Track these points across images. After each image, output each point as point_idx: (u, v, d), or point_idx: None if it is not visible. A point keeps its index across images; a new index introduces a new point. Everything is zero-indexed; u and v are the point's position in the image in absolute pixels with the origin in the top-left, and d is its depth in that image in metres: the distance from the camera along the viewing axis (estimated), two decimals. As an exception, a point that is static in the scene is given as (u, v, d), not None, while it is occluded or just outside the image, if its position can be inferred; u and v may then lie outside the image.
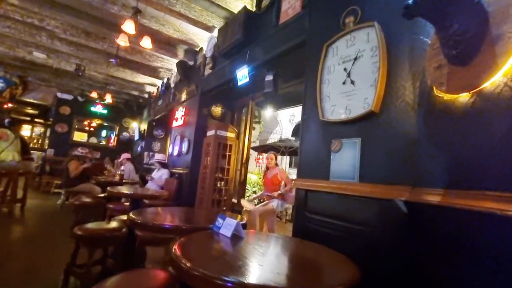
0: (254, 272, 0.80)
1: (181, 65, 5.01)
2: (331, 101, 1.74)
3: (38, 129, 11.67)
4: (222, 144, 4.16)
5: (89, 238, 2.00)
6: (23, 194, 4.47)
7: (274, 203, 3.61)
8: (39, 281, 2.16)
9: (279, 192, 3.66)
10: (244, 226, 1.44)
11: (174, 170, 4.80)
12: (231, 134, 4.18)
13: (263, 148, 7.25)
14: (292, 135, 10.62)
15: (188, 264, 0.77)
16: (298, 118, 10.28)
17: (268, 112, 7.14)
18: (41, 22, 4.35)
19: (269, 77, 3.04)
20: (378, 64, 1.46)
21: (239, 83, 3.34)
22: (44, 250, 2.91)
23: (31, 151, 5.40)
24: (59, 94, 8.57)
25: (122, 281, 1.22)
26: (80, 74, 5.87)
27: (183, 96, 5.19)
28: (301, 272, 0.89)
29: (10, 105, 8.02)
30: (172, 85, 5.94)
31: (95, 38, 4.79)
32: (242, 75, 3.27)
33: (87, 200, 3.46)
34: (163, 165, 4.76)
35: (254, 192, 4.34)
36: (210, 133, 4.26)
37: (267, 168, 3.98)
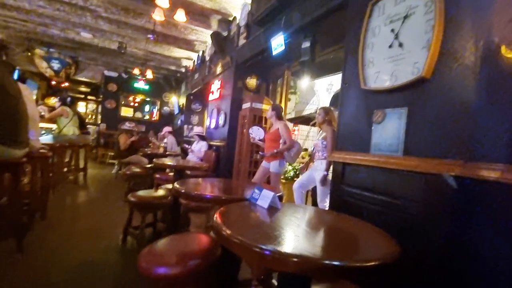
0: (290, 242, 0.82)
1: (215, 36, 4.95)
2: (375, 68, 1.59)
3: (91, 106, 12.82)
4: (257, 117, 4.16)
5: (140, 204, 2.24)
6: (84, 164, 5.08)
7: (273, 166, 3.20)
8: (104, 237, 2.52)
9: (274, 151, 3.16)
10: (281, 198, 1.48)
11: (212, 143, 4.99)
12: (266, 106, 4.14)
13: (299, 120, 7.12)
14: (330, 105, 10.18)
15: (228, 232, 0.82)
16: (336, 87, 9.73)
17: (304, 82, 6.85)
18: (85, 2, 4.57)
19: (306, 44, 2.87)
20: (433, 21, 1.28)
21: (274, 52, 3.22)
22: (105, 212, 3.35)
23: (87, 126, 6.03)
24: (106, 72, 9.19)
25: (171, 242, 1.36)
26: (123, 51, 6.17)
27: (218, 69, 5.20)
28: (338, 244, 0.90)
29: (66, 84, 8.85)
30: (207, 58, 5.96)
31: (134, 14, 4.91)
32: (277, 43, 3.13)
33: (137, 170, 3.82)
34: (201, 138, 4.97)
35: (290, 165, 4.34)
36: (246, 105, 4.28)
37: (271, 125, 3.54)
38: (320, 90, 10.95)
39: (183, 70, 8.29)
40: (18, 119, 1.88)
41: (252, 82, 4.66)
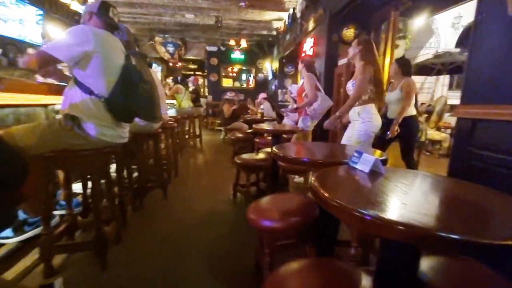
0: (395, 209, 0.76)
1: (305, -11, 4.57)
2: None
3: (200, 80, 14.63)
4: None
5: (244, 166, 2.51)
6: (199, 132, 6.03)
7: (298, 123, 2.98)
8: (218, 192, 3.02)
9: (294, 106, 2.95)
10: (385, 162, 1.35)
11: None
12: (366, 60, 3.66)
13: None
14: (457, 46, 7.94)
15: (326, 194, 0.83)
16: (467, 20, 7.42)
17: (418, 21, 5.56)
18: (185, -15, 5.02)
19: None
20: None
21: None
22: (218, 172, 3.96)
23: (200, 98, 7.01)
24: (207, 48, 10.15)
25: (273, 200, 1.50)
26: (219, 25, 6.58)
27: (310, 25, 4.86)
28: (460, 217, 0.76)
29: (179, 64, 10.35)
30: (298, 14, 5.63)
31: (225, -15, 5.08)
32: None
33: (239, 135, 4.24)
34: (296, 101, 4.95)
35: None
36: (342, 61, 3.91)
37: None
38: (442, 27, 8.61)
39: (274, 33, 8.19)
40: (153, 99, 2.37)
41: (349, 33, 4.16)
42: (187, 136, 5.48)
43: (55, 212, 1.77)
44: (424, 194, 0.96)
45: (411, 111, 2.83)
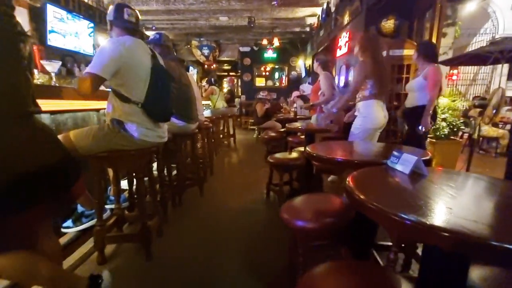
0: (440, 214, 0.71)
1: (339, -18, 4.41)
2: None
3: (235, 80, 14.91)
4: (396, 66, 3.54)
5: (277, 165, 2.52)
6: (233, 131, 6.17)
7: (312, 120, 3.15)
8: (252, 190, 3.07)
9: (310, 103, 3.06)
10: (428, 163, 1.26)
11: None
12: (408, 51, 3.42)
13: (459, 60, 5.43)
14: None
15: (362, 197, 0.80)
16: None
17: (470, 5, 5.02)
18: (219, -12, 5.16)
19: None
20: None
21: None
22: (251, 170, 4.01)
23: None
24: (240, 48, 10.31)
25: (306, 200, 1.48)
26: (252, 25, 6.65)
27: (346, 19, 4.68)
28: (517, 224, 0.69)
29: (214, 65, 10.68)
30: (333, 8, 5.46)
31: (258, -15, 5.11)
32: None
33: (272, 134, 4.25)
34: (308, 99, 4.82)
35: (444, 120, 3.49)
36: (380, 55, 3.70)
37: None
38: (499, 10, 7.66)
39: (307, 29, 8.03)
40: (190, 101, 2.49)
41: (388, 24, 3.91)
42: (221, 136, 5.64)
43: (106, 206, 1.96)
44: (475, 199, 0.88)
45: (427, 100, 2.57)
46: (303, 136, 3.43)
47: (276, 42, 7.62)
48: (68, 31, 4.81)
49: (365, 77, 2.17)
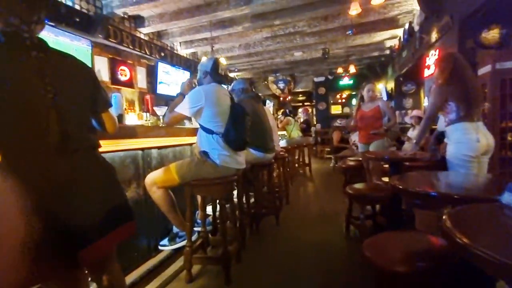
0: None
1: (423, -1, 4.10)
2: None
3: (310, 110, 15.04)
4: (508, 80, 2.94)
5: (358, 196, 2.33)
6: (308, 160, 6.09)
7: (378, 146, 3.18)
8: (329, 223, 2.90)
9: (384, 128, 3.14)
10: None
11: (434, 127, 4.14)
12: (523, 63, 2.82)
13: None
14: None
15: (465, 240, 0.68)
16: None
17: None
18: (294, 28, 5.53)
19: None
20: None
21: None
22: (328, 201, 3.81)
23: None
24: (315, 79, 10.47)
25: (394, 238, 1.32)
26: (326, 56, 6.74)
27: (433, 37, 4.25)
28: None
29: (289, 97, 11.10)
30: (416, 28, 5.06)
31: (331, 18, 5.24)
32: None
33: (351, 163, 4.00)
34: (421, 120, 4.28)
35: None
36: (484, 70, 3.17)
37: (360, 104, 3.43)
38: None
39: (387, 52, 7.60)
40: (266, 132, 2.66)
41: (491, 35, 3.36)
42: (296, 165, 5.64)
43: (195, 229, 2.19)
44: None
45: None
46: (386, 165, 3.11)
47: (352, 69, 7.44)
48: (171, 81, 5.94)
49: (445, 100, 1.96)
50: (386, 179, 2.72)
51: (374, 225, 2.54)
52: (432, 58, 4.38)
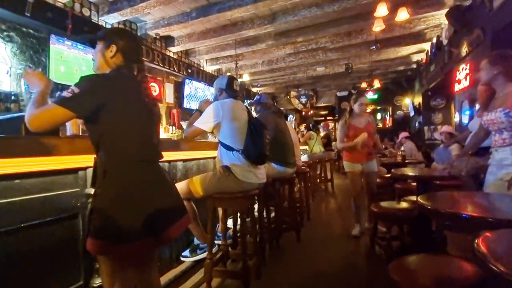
0: None
1: (452, 12, 3.99)
2: None
3: (330, 125, 14.83)
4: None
5: (383, 216, 2.24)
6: (330, 175, 5.95)
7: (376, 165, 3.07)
8: (353, 242, 2.79)
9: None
10: None
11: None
12: None
13: None
14: None
15: (502, 268, 0.64)
16: None
17: None
18: (317, 44, 5.59)
19: None
20: None
21: None
22: (352, 219, 3.67)
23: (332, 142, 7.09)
24: (338, 93, 10.39)
25: (423, 261, 1.25)
26: (350, 71, 6.70)
27: (463, 50, 4.10)
28: None
29: (311, 112, 11.05)
30: (445, 42, 4.91)
31: (355, 34, 5.26)
32: None
33: (377, 180, 3.85)
34: (452, 136, 4.04)
35: None
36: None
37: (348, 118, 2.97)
38: None
39: (414, 66, 7.40)
40: (287, 147, 2.67)
41: (528, 48, 3.17)
42: (318, 180, 5.53)
43: (215, 241, 2.21)
44: None
45: None
46: (414, 183, 2.97)
47: (376, 84, 7.29)
48: (197, 96, 6.19)
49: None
50: (413, 197, 2.58)
51: (401, 247, 2.40)
52: (463, 72, 4.20)
